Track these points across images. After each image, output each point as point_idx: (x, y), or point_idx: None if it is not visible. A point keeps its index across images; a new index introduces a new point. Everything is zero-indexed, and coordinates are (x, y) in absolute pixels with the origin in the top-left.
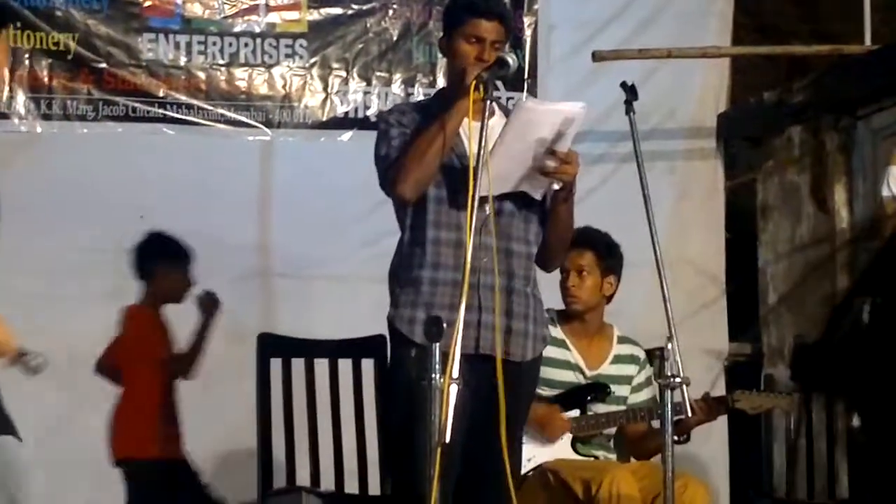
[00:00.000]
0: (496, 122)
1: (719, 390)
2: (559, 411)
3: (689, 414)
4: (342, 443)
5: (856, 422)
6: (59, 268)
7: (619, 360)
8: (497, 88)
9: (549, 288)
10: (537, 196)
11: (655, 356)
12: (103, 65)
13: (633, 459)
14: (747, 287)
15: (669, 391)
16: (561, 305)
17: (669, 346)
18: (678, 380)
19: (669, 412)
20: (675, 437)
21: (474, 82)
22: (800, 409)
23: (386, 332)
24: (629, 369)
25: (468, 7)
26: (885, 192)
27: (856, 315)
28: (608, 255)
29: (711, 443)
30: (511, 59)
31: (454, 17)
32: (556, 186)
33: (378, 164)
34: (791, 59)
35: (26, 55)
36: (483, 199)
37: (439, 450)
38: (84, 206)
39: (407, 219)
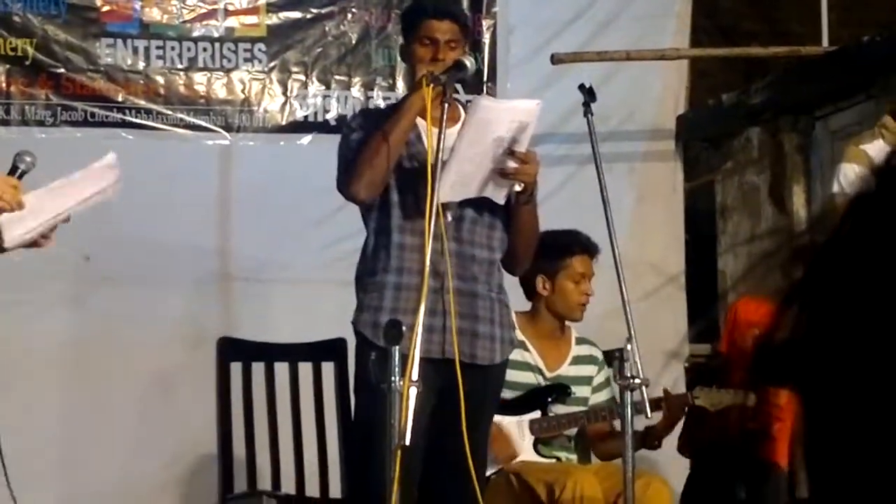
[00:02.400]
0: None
1: (680, 391)
2: (500, 431)
3: (648, 415)
4: (303, 446)
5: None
6: (19, 274)
7: (578, 360)
8: (456, 91)
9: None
10: (500, 200)
11: (615, 357)
12: (61, 70)
13: (595, 460)
14: (707, 288)
15: (629, 392)
16: (519, 307)
17: (629, 347)
18: (638, 381)
19: (629, 413)
20: (649, 443)
21: (425, 78)
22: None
23: (346, 336)
24: (588, 370)
25: (419, 10)
26: (835, 188)
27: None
28: None
29: (672, 440)
30: (469, 62)
31: (408, 22)
32: (517, 188)
33: (337, 167)
34: (749, 60)
35: None
36: (446, 205)
37: (399, 452)
38: None
39: (371, 223)
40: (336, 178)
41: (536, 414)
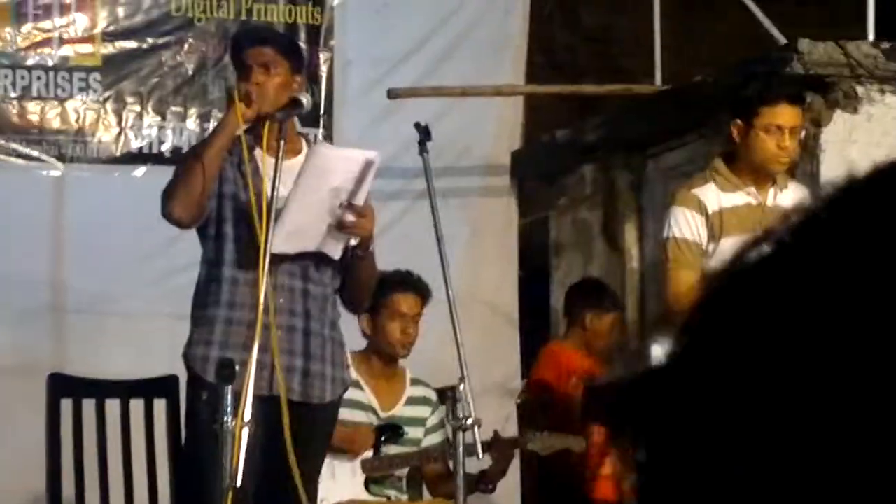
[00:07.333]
0: (300, 161)
1: (511, 428)
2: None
3: (480, 456)
4: (133, 485)
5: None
6: None
7: (412, 401)
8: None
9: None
10: (335, 255)
11: (448, 397)
12: None
13: (427, 495)
14: (540, 324)
15: (461, 432)
16: (355, 346)
17: (461, 386)
18: (469, 421)
19: (461, 454)
20: (482, 486)
21: (237, 93)
22: None
23: (179, 371)
24: (422, 411)
25: (237, 41)
26: (666, 232)
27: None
28: None
29: (504, 483)
30: (304, 99)
31: (233, 56)
32: (353, 242)
33: None
34: (584, 97)
35: None
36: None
37: (230, 493)
38: None
39: (205, 254)
40: None
41: (368, 453)
